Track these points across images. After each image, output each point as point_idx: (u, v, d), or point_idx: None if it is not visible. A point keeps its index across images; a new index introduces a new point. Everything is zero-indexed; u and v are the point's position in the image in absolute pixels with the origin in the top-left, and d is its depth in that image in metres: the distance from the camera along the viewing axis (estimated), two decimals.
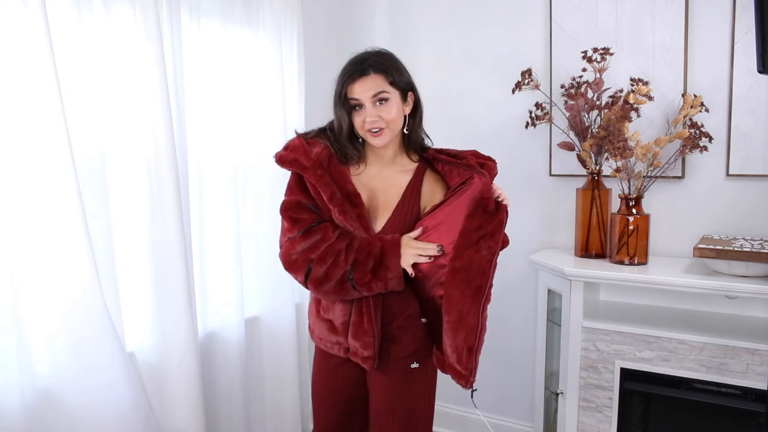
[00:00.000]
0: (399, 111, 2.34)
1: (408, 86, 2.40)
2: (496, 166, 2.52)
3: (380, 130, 2.31)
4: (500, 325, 4.12)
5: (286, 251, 2.42)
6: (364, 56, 2.35)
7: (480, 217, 2.32)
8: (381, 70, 2.31)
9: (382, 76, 2.31)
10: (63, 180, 2.44)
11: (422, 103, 2.48)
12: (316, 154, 2.36)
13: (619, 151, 3.15)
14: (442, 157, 2.47)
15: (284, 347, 3.74)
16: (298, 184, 2.40)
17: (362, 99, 2.29)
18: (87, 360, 2.58)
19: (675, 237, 3.50)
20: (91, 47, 2.70)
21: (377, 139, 2.33)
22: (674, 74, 3.39)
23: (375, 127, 2.30)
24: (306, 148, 2.36)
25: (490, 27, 3.96)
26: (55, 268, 2.48)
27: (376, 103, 2.29)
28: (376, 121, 2.29)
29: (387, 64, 2.35)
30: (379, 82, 2.30)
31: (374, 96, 2.28)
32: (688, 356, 3.04)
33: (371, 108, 2.29)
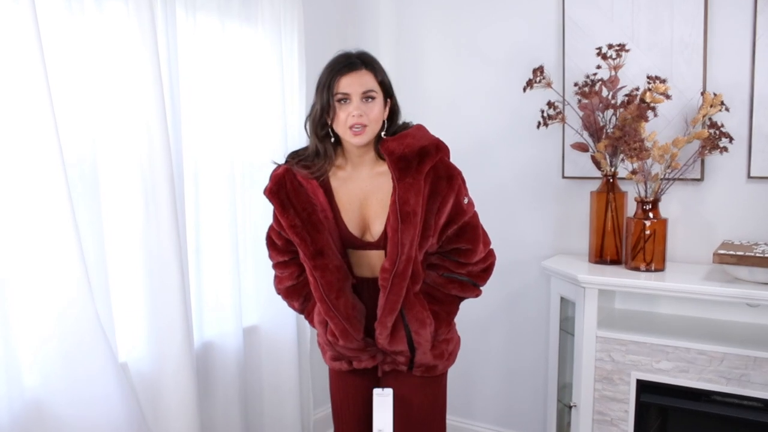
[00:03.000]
0: (381, 112, 2.39)
1: (389, 91, 2.46)
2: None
3: (363, 128, 2.33)
4: (510, 334, 4.13)
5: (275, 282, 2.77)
6: (353, 53, 2.42)
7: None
8: (372, 69, 2.39)
9: (372, 74, 2.38)
10: (52, 182, 2.46)
11: (399, 108, 2.52)
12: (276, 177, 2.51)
13: (636, 152, 3.15)
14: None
15: (284, 357, 3.74)
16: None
17: (351, 93, 2.32)
18: (78, 370, 2.59)
19: (693, 242, 3.50)
20: (83, 44, 2.72)
21: (358, 138, 2.34)
22: (693, 71, 3.40)
23: (359, 123, 2.31)
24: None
25: (499, 22, 3.97)
26: (45, 275, 2.49)
27: (363, 99, 2.33)
28: (362, 116, 2.31)
29: (376, 64, 2.43)
30: (369, 79, 2.36)
31: (364, 92, 2.33)
32: (708, 367, 3.04)
33: (358, 102, 2.32)
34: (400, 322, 2.45)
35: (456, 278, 2.55)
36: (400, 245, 2.34)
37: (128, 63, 2.82)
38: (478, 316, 4.16)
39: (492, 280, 3.77)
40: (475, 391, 4.32)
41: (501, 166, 4.03)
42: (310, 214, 2.42)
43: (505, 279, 4.05)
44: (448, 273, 2.54)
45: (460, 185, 2.43)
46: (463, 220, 2.46)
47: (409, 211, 2.32)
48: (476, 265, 2.55)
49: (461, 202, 2.44)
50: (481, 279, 2.59)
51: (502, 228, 4.04)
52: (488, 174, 4.07)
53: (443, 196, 2.38)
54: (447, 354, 2.60)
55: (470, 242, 2.49)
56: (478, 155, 4.07)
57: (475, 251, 2.51)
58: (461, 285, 2.56)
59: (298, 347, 3.83)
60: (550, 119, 3.56)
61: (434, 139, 2.42)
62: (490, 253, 2.61)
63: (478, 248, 2.51)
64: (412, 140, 2.37)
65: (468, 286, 2.57)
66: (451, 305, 2.58)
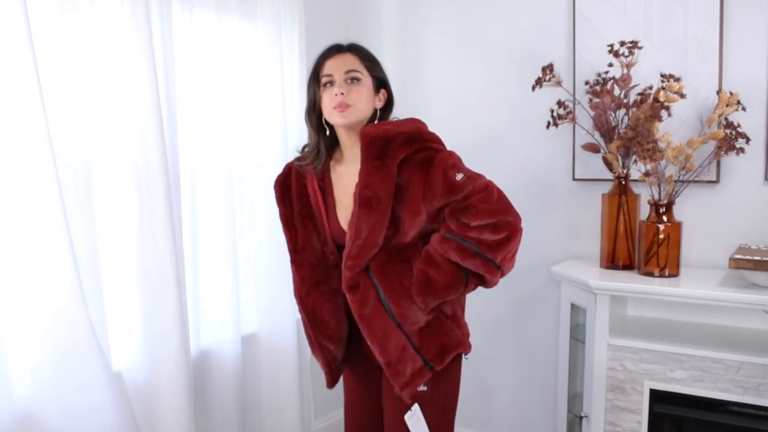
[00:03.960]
0: (369, 97, 2.45)
1: (382, 81, 2.52)
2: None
3: (346, 107, 2.38)
4: (519, 342, 4.12)
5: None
6: (342, 42, 2.51)
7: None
8: (357, 51, 2.47)
9: (358, 58, 2.45)
10: (44, 186, 2.45)
11: (393, 103, 2.57)
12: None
13: (649, 153, 3.15)
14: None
15: (284, 366, 3.74)
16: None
17: (334, 74, 2.41)
18: (70, 380, 2.59)
19: (709, 246, 3.49)
20: (75, 41, 2.71)
21: (340, 117, 2.39)
22: (708, 70, 3.39)
23: (342, 102, 2.37)
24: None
25: (506, 18, 3.97)
26: (35, 280, 2.48)
27: (347, 80, 2.40)
28: (344, 95, 2.37)
29: (364, 51, 2.51)
30: (353, 61, 2.44)
31: (347, 73, 2.40)
32: (724, 376, 3.03)
33: (342, 83, 2.39)
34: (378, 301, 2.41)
35: (454, 239, 2.35)
36: (356, 230, 2.35)
37: (122, 61, 2.81)
38: (484, 322, 4.16)
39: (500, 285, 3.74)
40: (481, 401, 4.31)
41: (508, 167, 4.02)
42: (302, 208, 2.57)
43: (514, 285, 4.05)
44: (448, 232, 2.36)
45: (445, 163, 2.34)
46: (462, 193, 2.33)
47: (370, 197, 2.32)
48: (483, 231, 2.33)
49: (452, 179, 2.33)
50: (492, 251, 2.35)
51: None
52: (495, 176, 4.01)
53: (429, 180, 2.34)
54: (439, 343, 2.45)
55: (476, 202, 2.33)
56: (484, 156, 4.06)
57: (478, 211, 2.32)
58: (461, 249, 2.34)
59: (299, 356, 3.82)
60: (560, 119, 3.56)
61: (419, 129, 2.41)
62: (508, 225, 2.37)
63: (483, 207, 2.32)
64: (392, 126, 2.38)
65: (470, 252, 2.33)
66: (447, 273, 2.37)
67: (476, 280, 2.41)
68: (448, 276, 2.36)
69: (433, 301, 2.37)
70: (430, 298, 2.36)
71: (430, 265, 2.36)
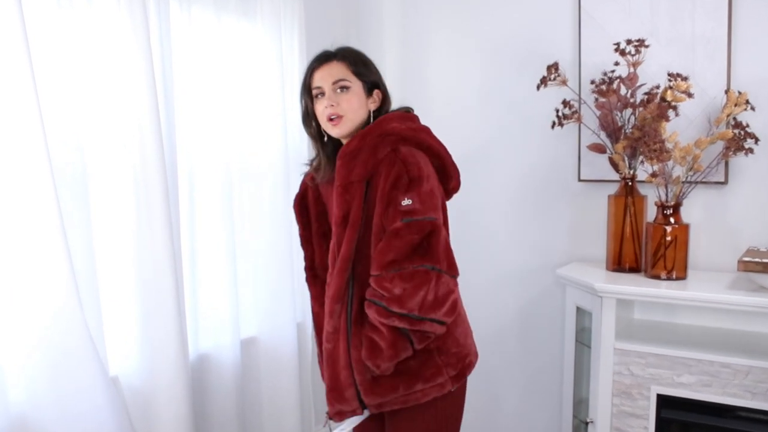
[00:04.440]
0: (361, 103, 2.49)
1: (374, 82, 2.54)
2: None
3: (339, 118, 2.44)
4: (523, 346, 4.12)
5: None
6: (330, 49, 2.56)
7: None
8: (344, 59, 2.50)
9: (345, 64, 2.49)
10: (39, 185, 2.44)
11: (390, 102, 2.60)
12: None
13: (656, 154, 3.14)
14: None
15: (285, 371, 3.73)
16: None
17: (323, 86, 2.47)
18: (66, 384, 2.58)
19: (717, 249, 3.49)
20: (71, 39, 2.70)
21: (335, 129, 2.46)
22: (716, 69, 3.39)
23: (333, 113, 2.44)
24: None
25: (511, 16, 3.97)
26: (31, 284, 2.47)
27: (336, 90, 2.46)
28: (334, 107, 2.44)
29: (352, 55, 2.54)
30: (340, 69, 2.48)
31: (334, 83, 2.45)
32: (732, 381, 3.03)
33: (331, 94, 2.45)
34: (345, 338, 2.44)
35: (372, 302, 2.33)
36: (336, 246, 2.43)
37: (119, 60, 2.80)
38: (487, 327, 4.15)
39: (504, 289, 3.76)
40: (485, 406, 4.30)
41: (512, 168, 4.03)
42: (320, 226, 2.66)
43: (518, 288, 4.05)
44: (369, 295, 2.36)
45: (397, 179, 2.32)
46: (393, 225, 2.31)
47: (343, 215, 2.39)
48: (394, 280, 2.28)
49: (397, 199, 2.32)
50: (401, 304, 2.27)
51: (513, 234, 4.04)
52: (498, 177, 4.07)
53: (382, 191, 2.35)
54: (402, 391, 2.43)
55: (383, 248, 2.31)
56: (487, 157, 4.06)
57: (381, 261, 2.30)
58: (379, 312, 2.31)
59: (299, 360, 3.82)
60: (566, 119, 3.56)
61: (390, 129, 2.41)
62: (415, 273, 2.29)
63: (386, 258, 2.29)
64: (361, 137, 2.41)
65: (384, 312, 2.29)
66: (386, 334, 2.32)
67: (417, 335, 2.35)
68: (388, 337, 2.32)
69: (383, 364, 2.35)
70: (379, 362, 2.35)
71: (369, 329, 2.38)
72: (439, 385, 2.47)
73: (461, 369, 2.52)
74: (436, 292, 2.31)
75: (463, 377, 2.55)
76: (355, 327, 2.41)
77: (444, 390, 2.48)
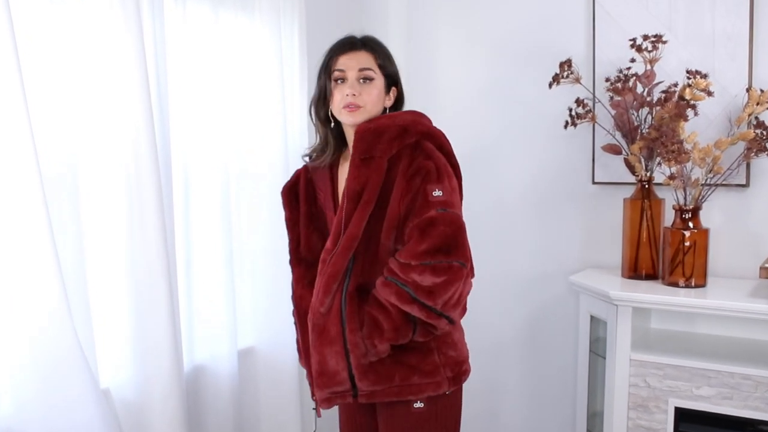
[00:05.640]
0: (380, 97, 2.55)
1: (394, 78, 2.60)
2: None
3: (357, 108, 2.48)
4: (535, 356, 4.11)
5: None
6: (357, 35, 2.59)
7: None
8: (372, 49, 2.55)
9: (372, 55, 2.53)
10: (26, 188, 2.43)
11: (404, 99, 2.69)
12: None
13: (674, 155, 3.13)
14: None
15: (284, 382, 3.73)
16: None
17: (347, 71, 2.50)
18: (55, 397, 2.57)
19: (738, 255, 3.48)
20: (61, 36, 2.70)
21: (351, 116, 2.50)
22: (737, 66, 3.38)
23: (353, 103, 2.47)
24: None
25: (521, 10, 3.97)
26: (18, 292, 2.47)
27: (360, 80, 2.50)
28: (356, 96, 2.47)
29: (379, 47, 2.59)
30: (368, 59, 2.52)
31: (360, 71, 2.49)
32: (754, 393, 3.02)
33: (354, 82, 2.49)
34: (338, 319, 2.46)
35: (394, 282, 2.38)
36: (344, 222, 2.45)
37: (111, 57, 2.80)
38: (496, 336, 4.15)
39: (514, 296, 3.74)
40: (494, 420, 4.30)
41: (523, 170, 4.02)
42: (308, 208, 2.70)
43: (529, 295, 4.04)
44: (390, 275, 2.40)
45: (429, 171, 2.41)
46: (426, 213, 2.37)
47: (358, 189, 2.42)
48: (424, 272, 2.34)
49: (428, 190, 2.39)
50: (430, 297, 2.34)
51: (524, 239, 4.03)
52: (508, 179, 4.06)
53: (408, 181, 2.42)
54: (398, 381, 2.49)
55: (417, 235, 2.37)
56: (496, 158, 4.06)
57: (413, 250, 2.36)
58: (399, 294, 2.36)
59: (299, 371, 3.80)
60: (579, 118, 3.55)
61: (415, 120, 2.51)
62: (449, 268, 2.36)
63: (419, 247, 2.35)
64: (387, 119, 2.49)
65: (407, 297, 2.35)
66: (393, 317, 2.39)
67: (423, 328, 2.43)
68: (394, 320, 2.39)
69: (380, 345, 2.41)
70: (377, 341, 2.41)
71: (375, 308, 2.42)
72: (436, 383, 2.52)
73: (458, 373, 2.58)
74: (462, 291, 2.42)
75: (460, 382, 2.60)
76: (350, 307, 2.44)
77: (440, 390, 2.52)
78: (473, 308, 2.64)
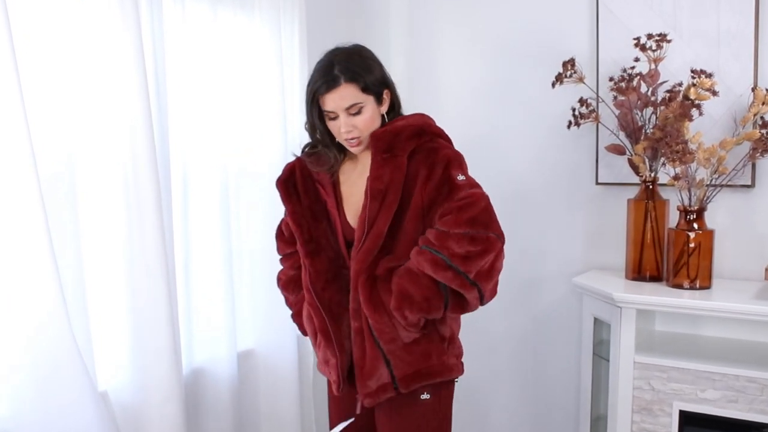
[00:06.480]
0: (375, 115, 2.57)
1: (381, 86, 2.60)
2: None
3: (357, 140, 2.56)
4: (537, 359, 4.11)
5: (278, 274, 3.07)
6: (331, 60, 2.54)
7: None
8: (351, 79, 2.50)
9: (354, 85, 2.50)
10: (23, 188, 2.43)
11: (399, 97, 2.70)
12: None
13: (678, 155, 3.14)
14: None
15: (284, 384, 3.73)
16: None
17: (337, 111, 2.52)
18: (52, 400, 2.57)
19: (743, 256, 3.48)
20: (58, 34, 2.70)
21: (356, 149, 2.60)
22: (742, 65, 3.38)
23: (351, 137, 2.55)
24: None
25: (524, 9, 3.97)
26: (14, 293, 2.46)
27: (351, 113, 2.52)
28: (352, 131, 2.54)
29: (357, 68, 2.53)
30: (351, 93, 2.50)
31: (348, 108, 2.51)
32: (759, 397, 3.02)
33: (345, 118, 2.52)
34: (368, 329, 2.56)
35: (429, 251, 2.44)
36: (368, 221, 2.51)
37: (109, 56, 2.79)
38: (499, 339, 4.15)
39: (516, 298, 3.74)
40: (496, 424, 4.30)
41: (525, 170, 4.02)
42: (312, 203, 2.71)
43: (531, 297, 4.04)
44: (425, 244, 2.47)
45: (449, 159, 2.51)
46: (457, 195, 2.46)
47: (381, 189, 2.49)
48: (461, 241, 2.40)
49: (452, 177, 2.49)
50: (465, 264, 2.41)
51: (527, 240, 4.03)
52: (510, 180, 4.06)
53: (430, 172, 2.50)
54: (419, 358, 2.56)
55: (463, 206, 2.45)
56: (498, 158, 4.06)
57: (460, 216, 2.43)
58: (434, 262, 2.42)
59: (299, 373, 3.81)
60: (582, 118, 3.55)
61: (426, 122, 2.61)
62: (487, 239, 2.44)
63: (465, 215, 2.43)
64: (401, 121, 2.57)
65: (442, 264, 2.40)
66: (424, 287, 2.45)
67: (455, 300, 2.49)
68: (425, 290, 2.45)
69: (411, 315, 2.47)
70: (407, 312, 2.46)
71: (405, 278, 2.48)
72: (456, 366, 2.67)
73: (461, 363, 2.72)
74: (495, 264, 2.49)
75: (462, 371, 2.72)
76: (364, 294, 2.53)
77: (458, 372, 2.68)
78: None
